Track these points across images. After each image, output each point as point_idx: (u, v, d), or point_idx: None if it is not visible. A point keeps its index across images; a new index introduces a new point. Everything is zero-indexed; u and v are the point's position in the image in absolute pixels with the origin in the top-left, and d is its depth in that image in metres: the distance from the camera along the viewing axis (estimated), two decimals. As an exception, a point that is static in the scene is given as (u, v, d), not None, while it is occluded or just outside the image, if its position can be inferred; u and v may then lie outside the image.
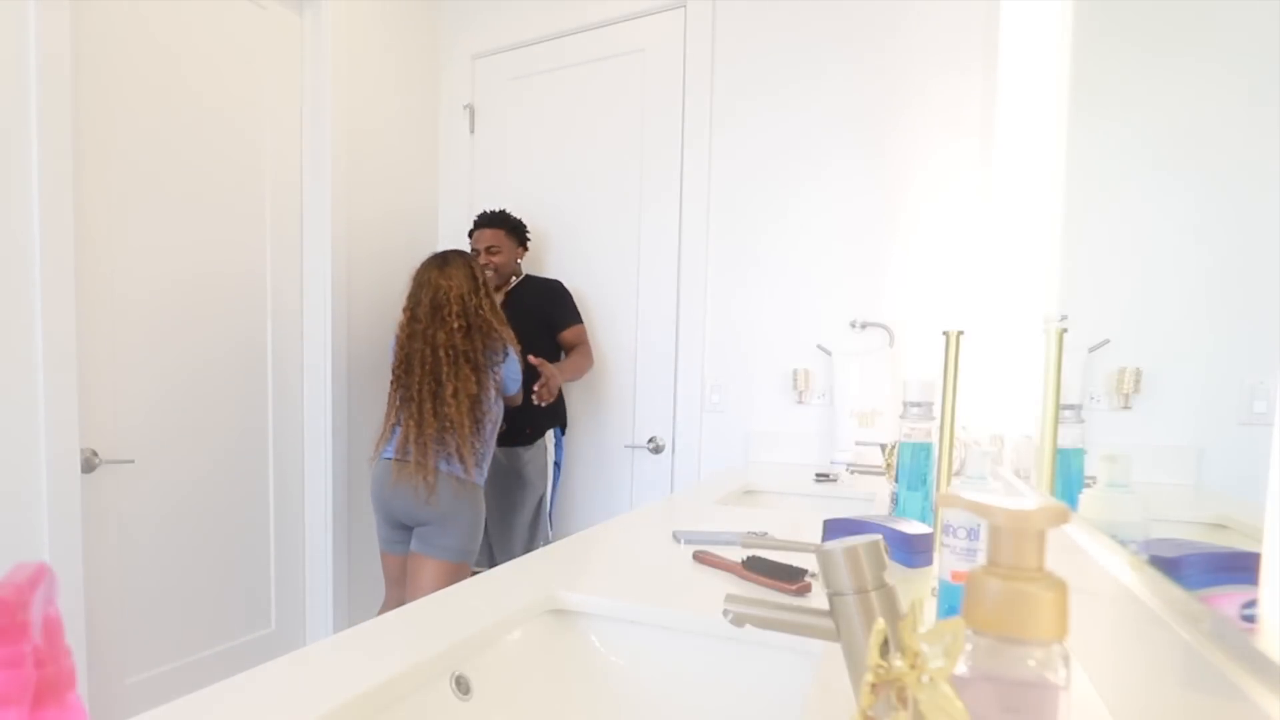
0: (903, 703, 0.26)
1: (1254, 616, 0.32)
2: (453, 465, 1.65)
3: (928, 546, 0.85)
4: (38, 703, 0.29)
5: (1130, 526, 0.52)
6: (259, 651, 1.89)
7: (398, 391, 1.69)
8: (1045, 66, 0.97)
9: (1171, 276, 0.49)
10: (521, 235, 2.10)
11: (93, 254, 1.49)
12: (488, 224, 2.05)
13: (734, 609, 0.41)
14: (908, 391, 0.95)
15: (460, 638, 0.62)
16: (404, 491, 1.65)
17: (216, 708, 0.49)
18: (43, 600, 0.30)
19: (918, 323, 1.80)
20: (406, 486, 1.64)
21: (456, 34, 2.40)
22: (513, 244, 2.07)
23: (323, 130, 1.97)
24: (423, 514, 1.66)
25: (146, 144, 1.59)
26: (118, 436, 1.55)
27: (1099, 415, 0.63)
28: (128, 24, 1.55)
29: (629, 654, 0.74)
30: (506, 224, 2.06)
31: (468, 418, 1.65)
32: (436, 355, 1.65)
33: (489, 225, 2.05)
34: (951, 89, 1.74)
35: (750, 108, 1.97)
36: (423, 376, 1.64)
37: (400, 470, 1.65)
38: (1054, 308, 0.82)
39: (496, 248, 2.02)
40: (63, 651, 0.31)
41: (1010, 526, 0.26)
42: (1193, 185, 0.47)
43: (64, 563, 1.41)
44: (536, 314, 2.03)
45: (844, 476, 1.63)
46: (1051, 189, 0.87)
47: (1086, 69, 0.74)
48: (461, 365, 1.65)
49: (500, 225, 2.05)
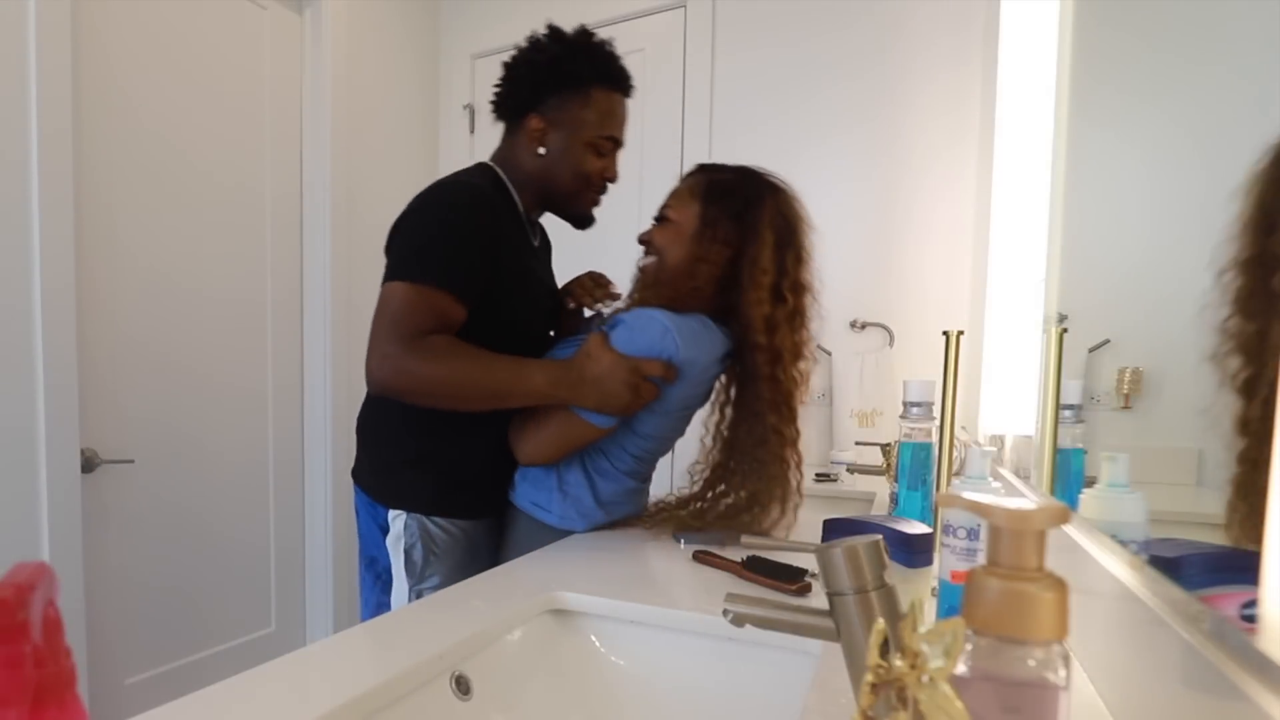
0: (903, 703, 0.26)
1: (1254, 616, 0.32)
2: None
3: (928, 546, 0.85)
4: (38, 703, 0.29)
5: (1130, 526, 0.52)
6: (259, 651, 1.88)
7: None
8: (1045, 66, 0.97)
9: (1172, 276, 0.49)
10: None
11: (93, 254, 1.49)
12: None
13: (734, 609, 0.41)
14: (908, 391, 0.95)
15: (460, 638, 0.62)
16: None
17: (216, 708, 0.49)
18: (43, 600, 0.30)
19: (918, 323, 1.80)
20: None
21: (456, 34, 2.40)
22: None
23: (323, 130, 1.97)
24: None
25: (146, 144, 1.59)
26: (118, 436, 1.55)
27: (1099, 415, 0.63)
28: (128, 23, 1.55)
29: (629, 654, 0.74)
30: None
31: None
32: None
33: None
34: (951, 89, 1.74)
35: (750, 107, 1.97)
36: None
37: None
38: (1054, 308, 0.82)
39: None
40: (63, 651, 0.31)
41: (1010, 526, 0.26)
42: (1194, 185, 0.47)
43: (64, 563, 1.41)
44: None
45: (844, 476, 1.63)
46: (1052, 188, 0.87)
47: (1087, 68, 0.74)
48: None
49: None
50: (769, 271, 0.98)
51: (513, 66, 1.04)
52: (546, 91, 1.02)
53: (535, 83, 1.02)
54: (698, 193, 1.02)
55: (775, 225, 0.99)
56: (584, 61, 1.01)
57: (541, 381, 0.94)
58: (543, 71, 1.01)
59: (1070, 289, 0.76)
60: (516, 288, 1.02)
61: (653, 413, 1.00)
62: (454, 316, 0.94)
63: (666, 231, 1.03)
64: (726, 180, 1.03)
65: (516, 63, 1.04)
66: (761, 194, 1.01)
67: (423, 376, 0.91)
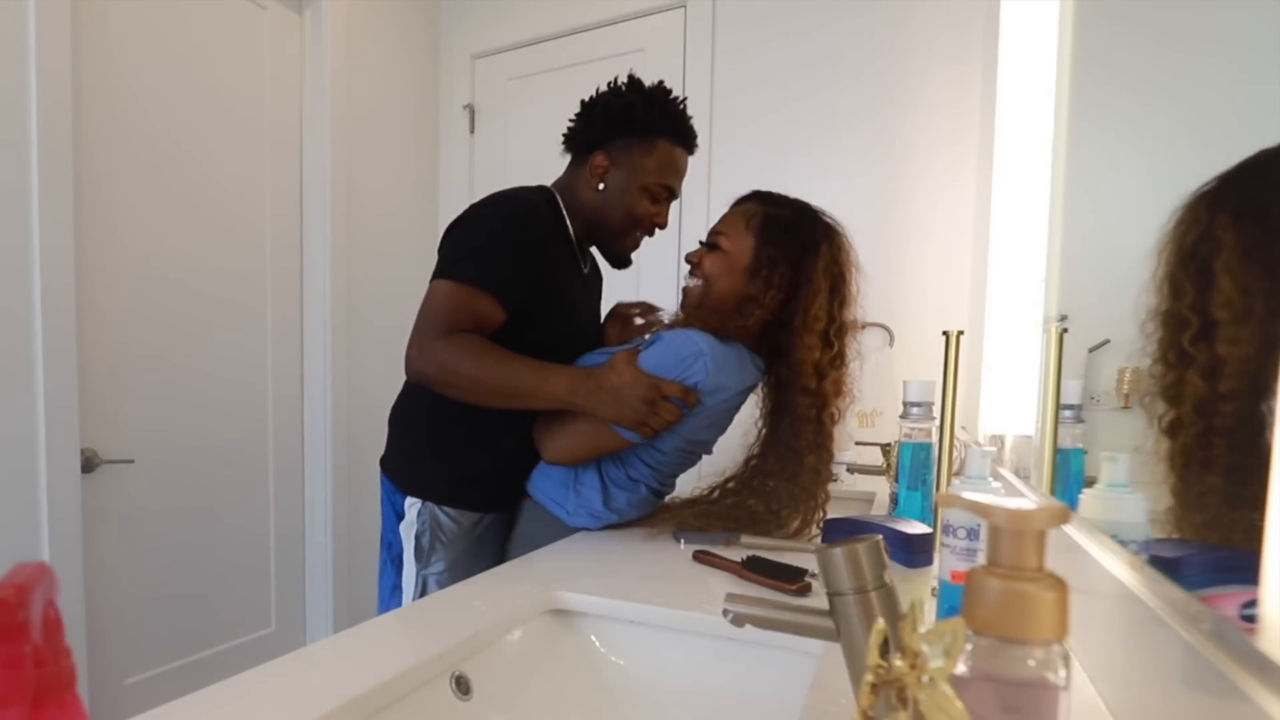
0: (903, 703, 0.26)
1: (1254, 616, 0.32)
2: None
3: (928, 546, 0.85)
4: (38, 703, 0.29)
5: (1130, 526, 0.52)
6: (259, 651, 1.88)
7: None
8: (1046, 65, 0.97)
9: (1171, 276, 0.49)
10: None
11: (93, 254, 1.49)
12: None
13: (734, 609, 0.41)
14: (908, 391, 0.95)
15: (460, 638, 0.62)
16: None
17: (216, 708, 0.49)
18: (43, 600, 0.30)
19: (918, 323, 1.80)
20: None
21: (456, 34, 2.40)
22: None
23: (323, 130, 1.97)
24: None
25: (146, 144, 1.59)
26: (118, 436, 1.55)
27: (1099, 415, 0.63)
28: (127, 24, 1.55)
29: (629, 654, 0.74)
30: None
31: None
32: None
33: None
34: (952, 88, 1.74)
35: (750, 107, 1.97)
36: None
37: None
38: (1054, 308, 0.82)
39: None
40: (63, 651, 0.31)
41: (1010, 526, 0.26)
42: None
43: (64, 563, 1.41)
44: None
45: (844, 476, 1.63)
46: (1052, 188, 0.87)
47: (1087, 67, 0.74)
48: None
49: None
50: (821, 319, 0.99)
51: (589, 105, 1.11)
52: (616, 134, 1.08)
53: (607, 123, 1.08)
54: (754, 226, 1.02)
55: (830, 273, 1.00)
56: (656, 113, 1.07)
57: (562, 386, 0.97)
58: (616, 114, 1.07)
59: (1070, 289, 0.76)
60: (555, 307, 1.07)
61: (671, 431, 1.02)
62: (492, 318, 0.99)
63: (718, 260, 1.04)
64: (785, 218, 1.03)
65: (594, 102, 1.10)
66: (818, 239, 1.01)
67: (451, 367, 0.96)
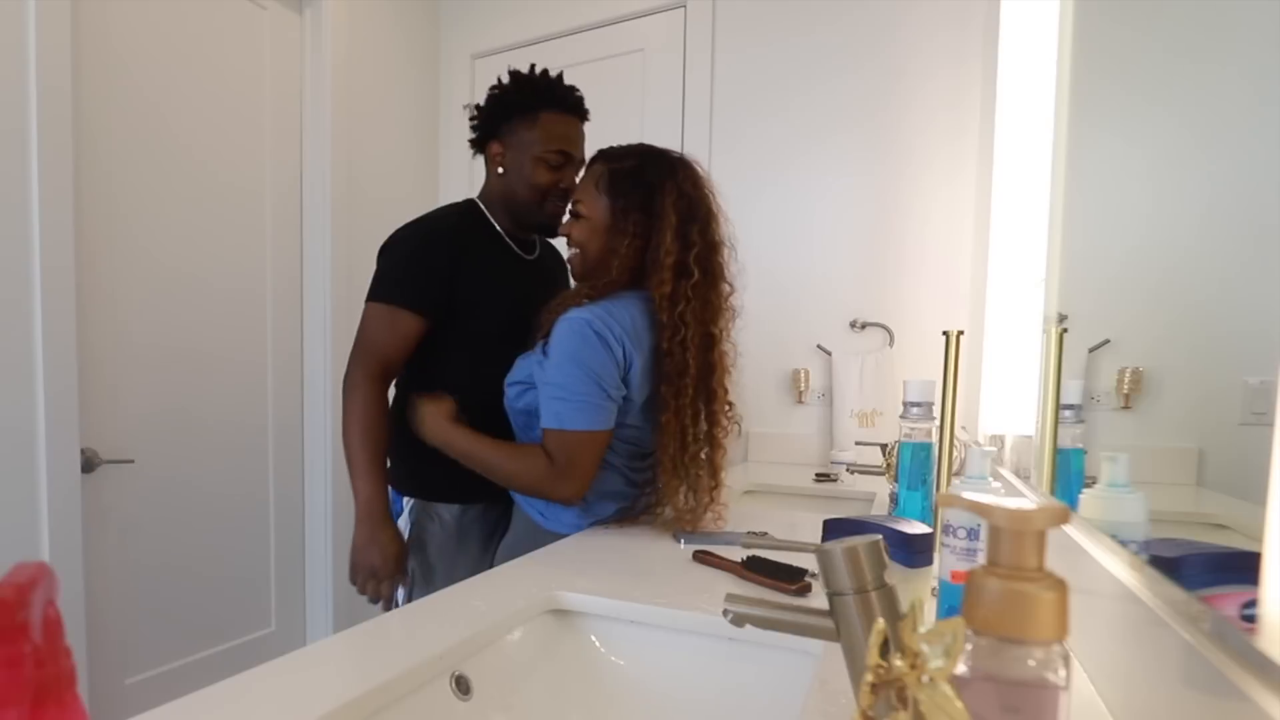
0: (903, 703, 0.26)
1: (1254, 616, 0.32)
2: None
3: (928, 546, 0.85)
4: (38, 703, 0.29)
5: (1130, 526, 0.52)
6: (259, 651, 1.88)
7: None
8: (1046, 64, 0.97)
9: (1172, 276, 0.49)
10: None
11: (93, 254, 1.49)
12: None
13: (734, 609, 0.41)
14: (908, 391, 0.95)
15: (460, 638, 0.62)
16: None
17: (216, 708, 0.49)
18: (43, 600, 0.30)
19: (918, 323, 1.80)
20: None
21: (456, 34, 2.40)
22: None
23: (323, 130, 1.97)
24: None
25: (146, 144, 1.59)
26: (118, 436, 1.55)
27: (1099, 415, 0.63)
28: (128, 24, 1.55)
29: (629, 654, 0.74)
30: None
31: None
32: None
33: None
34: (952, 88, 1.74)
35: (750, 107, 1.97)
36: None
37: None
38: (1054, 308, 0.82)
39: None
40: (63, 651, 0.31)
41: (1010, 527, 0.26)
42: (1195, 184, 0.47)
43: (64, 563, 1.41)
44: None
45: (844, 476, 1.63)
46: (1052, 188, 0.87)
47: (1087, 66, 0.74)
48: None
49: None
50: (672, 252, 1.00)
51: (479, 108, 1.19)
52: (502, 120, 1.16)
53: (492, 114, 1.17)
54: (604, 185, 1.04)
55: (679, 206, 1.01)
56: (530, 89, 1.15)
57: (361, 495, 1.10)
58: (497, 103, 1.16)
59: (1070, 289, 0.76)
60: (495, 297, 1.16)
61: (627, 399, 1.02)
62: (412, 328, 1.11)
63: (582, 227, 1.06)
64: (628, 168, 1.04)
65: (483, 104, 1.18)
66: (663, 177, 1.02)
67: (345, 405, 1.12)
